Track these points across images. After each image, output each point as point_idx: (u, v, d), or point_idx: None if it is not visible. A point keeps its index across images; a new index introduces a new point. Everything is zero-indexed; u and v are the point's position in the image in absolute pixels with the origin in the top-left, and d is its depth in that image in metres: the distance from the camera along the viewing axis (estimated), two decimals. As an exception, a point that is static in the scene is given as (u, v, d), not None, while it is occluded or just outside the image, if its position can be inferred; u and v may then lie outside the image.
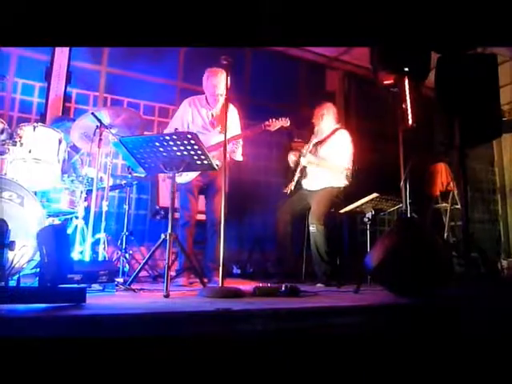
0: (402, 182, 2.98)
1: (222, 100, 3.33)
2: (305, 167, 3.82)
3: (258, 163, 5.49)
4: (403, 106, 3.04)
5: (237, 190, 3.93)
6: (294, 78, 5.92)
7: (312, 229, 3.57)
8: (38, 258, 2.36)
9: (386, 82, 3.10)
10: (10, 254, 1.83)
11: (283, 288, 2.57)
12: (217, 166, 2.72)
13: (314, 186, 3.77)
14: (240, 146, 3.37)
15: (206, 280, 2.95)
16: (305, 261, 3.96)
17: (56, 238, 1.76)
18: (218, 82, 3.29)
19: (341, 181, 3.75)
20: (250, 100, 5.39)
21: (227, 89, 2.85)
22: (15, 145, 2.70)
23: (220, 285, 2.50)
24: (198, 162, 2.66)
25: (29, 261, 2.47)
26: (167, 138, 2.52)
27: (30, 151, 2.75)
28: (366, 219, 3.61)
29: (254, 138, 3.54)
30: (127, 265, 3.43)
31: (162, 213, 4.11)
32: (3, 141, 2.73)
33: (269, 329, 1.86)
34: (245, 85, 5.47)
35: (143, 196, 4.72)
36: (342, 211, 3.71)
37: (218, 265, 2.52)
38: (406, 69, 3.03)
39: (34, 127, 2.83)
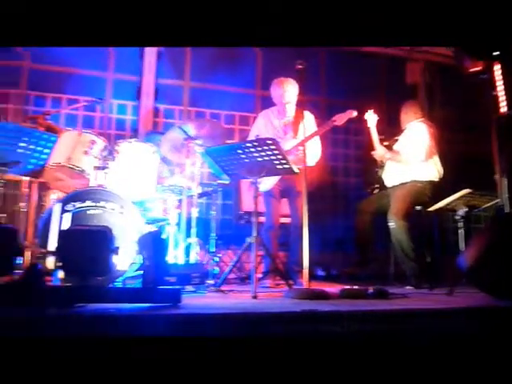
0: (497, 175, 2.78)
1: (291, 107, 3.41)
2: (383, 163, 3.78)
3: (336, 164, 5.45)
4: (494, 93, 2.83)
5: (316, 192, 3.95)
6: (372, 74, 5.77)
7: (391, 225, 3.45)
8: (138, 261, 2.59)
9: (472, 70, 2.92)
10: (115, 259, 2.04)
11: (370, 290, 2.53)
12: (298, 169, 2.77)
13: (394, 181, 3.67)
14: (315, 148, 3.40)
15: (291, 282, 3.01)
16: (393, 262, 3.84)
17: (154, 243, 1.94)
18: (284, 91, 3.36)
19: (426, 174, 3.58)
20: (327, 101, 5.37)
21: (301, 94, 2.91)
22: (114, 160, 2.99)
23: (305, 286, 2.53)
24: (279, 167, 2.74)
25: (130, 264, 2.71)
26: (248, 145, 2.63)
27: (127, 165, 3.03)
28: (457, 217, 3.40)
29: (330, 138, 3.54)
30: (216, 267, 3.61)
31: (246, 217, 4.24)
32: (105, 157, 3.04)
33: (356, 331, 1.85)
34: (321, 87, 5.46)
35: (228, 202, 4.93)
36: (430, 209, 3.53)
37: (303, 267, 2.57)
38: (497, 53, 2.83)
39: (130, 143, 3.12)
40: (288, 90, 3.34)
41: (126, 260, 2.58)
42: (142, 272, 2.49)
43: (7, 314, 1.59)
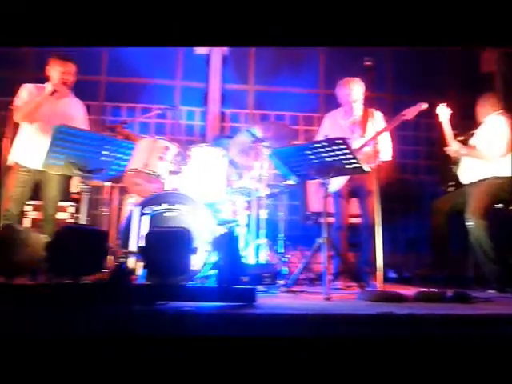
0: None
1: (358, 106, 3.36)
2: (458, 159, 3.58)
3: (405, 161, 5.24)
4: None
5: (386, 190, 3.83)
6: (444, 66, 5.48)
7: (470, 224, 3.27)
8: (210, 261, 2.68)
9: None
10: (193, 259, 2.13)
11: (449, 293, 2.41)
12: (369, 168, 2.71)
13: (471, 178, 3.47)
14: (386, 144, 3.31)
15: (363, 284, 2.95)
16: (472, 264, 3.62)
17: (228, 243, 2.00)
18: (350, 89, 3.33)
19: (507, 170, 3.34)
20: (394, 97, 5.19)
21: (369, 91, 2.85)
22: (187, 164, 3.12)
23: (379, 288, 2.47)
24: (348, 166, 2.70)
25: (204, 264, 2.81)
26: (317, 145, 2.62)
27: (198, 169, 3.15)
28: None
29: (399, 135, 3.43)
30: (285, 268, 3.63)
31: (313, 218, 4.22)
32: (178, 161, 3.19)
33: (435, 335, 1.78)
34: (387, 83, 5.29)
35: (294, 202, 4.93)
36: (512, 207, 3.30)
37: (374, 268, 2.51)
38: None
39: (201, 147, 3.24)
40: (354, 89, 3.32)
41: (199, 260, 2.69)
42: (215, 271, 2.58)
43: (97, 311, 1.72)
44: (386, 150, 3.32)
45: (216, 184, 3.20)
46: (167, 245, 1.89)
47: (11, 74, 4.42)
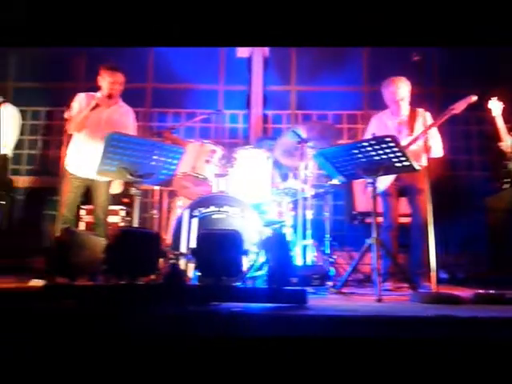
0: None
1: (404, 105, 3.31)
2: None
3: (456, 157, 5.03)
4: None
5: (436, 188, 3.69)
6: (493, 57, 5.21)
7: None
8: (259, 262, 2.69)
9: None
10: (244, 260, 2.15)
11: (508, 295, 2.29)
12: (419, 166, 2.64)
13: None
14: (437, 140, 3.21)
15: (414, 285, 2.86)
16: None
17: (279, 244, 2.01)
18: (396, 88, 3.28)
19: None
20: (442, 91, 5.00)
21: (419, 86, 2.77)
22: (233, 167, 3.16)
23: (433, 290, 2.39)
24: (398, 165, 2.63)
25: (251, 265, 2.84)
26: (365, 144, 2.58)
27: (245, 171, 3.18)
28: None
29: (449, 130, 3.31)
30: (332, 269, 3.59)
31: (359, 218, 4.15)
32: (224, 164, 3.23)
33: (497, 338, 1.70)
34: (434, 78, 5.10)
35: (339, 202, 4.87)
36: None
37: (425, 269, 2.42)
38: None
39: (246, 150, 3.27)
40: (400, 87, 3.27)
41: (247, 261, 2.71)
42: (262, 272, 2.59)
43: (153, 312, 1.77)
44: (436, 146, 3.21)
45: (261, 185, 3.22)
46: (219, 246, 1.92)
47: (66, 85, 4.65)
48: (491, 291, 2.45)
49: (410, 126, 3.28)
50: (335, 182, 3.70)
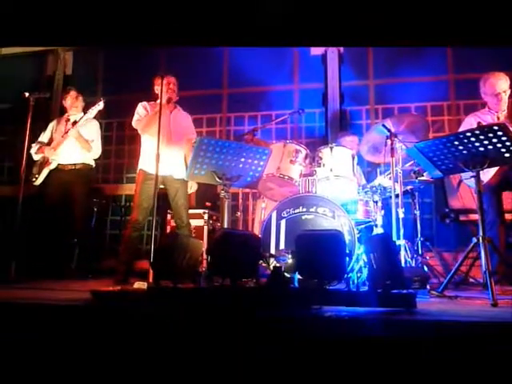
0: None
1: (505, 98, 3.18)
2: None
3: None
4: None
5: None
6: None
7: None
8: (358, 264, 2.58)
9: None
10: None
11: None
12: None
13: None
14: None
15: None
16: None
17: (384, 246, 1.89)
18: (496, 80, 3.18)
19: None
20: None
21: None
22: (319, 166, 3.08)
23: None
24: (507, 155, 2.39)
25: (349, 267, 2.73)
26: (468, 134, 2.37)
27: (331, 170, 3.08)
28: None
29: None
30: (426, 270, 3.37)
31: (453, 216, 3.87)
32: (309, 164, 3.16)
33: None
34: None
35: (426, 200, 4.59)
36: None
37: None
38: None
39: (331, 148, 3.17)
40: (500, 80, 3.17)
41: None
42: (363, 274, 2.48)
43: (258, 315, 1.74)
44: None
45: (349, 184, 3.11)
46: (321, 248, 1.85)
47: (124, 98, 4.82)
48: None
49: (511, 122, 3.05)
50: (425, 177, 3.48)
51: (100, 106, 3.82)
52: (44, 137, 4.09)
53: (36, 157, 3.98)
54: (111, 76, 5.34)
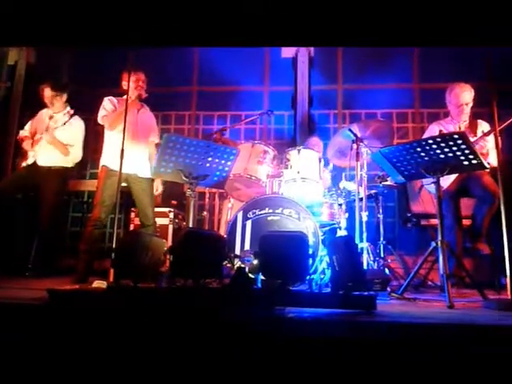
0: None
1: (467, 110, 3.29)
2: None
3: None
4: None
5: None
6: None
7: None
8: (321, 266, 2.61)
9: None
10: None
11: None
12: (488, 164, 2.48)
13: None
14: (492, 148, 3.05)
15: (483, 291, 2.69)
16: None
17: (346, 248, 1.92)
18: (460, 91, 3.29)
19: None
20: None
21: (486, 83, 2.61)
22: (286, 168, 3.10)
23: (508, 297, 2.23)
24: (465, 163, 2.49)
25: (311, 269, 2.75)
26: (430, 141, 2.45)
27: (298, 172, 3.11)
28: None
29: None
30: (388, 273, 3.44)
31: (414, 220, 3.98)
32: (277, 165, 3.17)
33: None
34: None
35: (389, 204, 4.71)
36: None
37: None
38: None
39: (298, 150, 3.19)
40: (464, 92, 3.27)
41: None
42: (326, 276, 2.51)
43: (220, 315, 1.73)
44: (492, 153, 3.06)
45: (315, 187, 3.14)
46: (285, 249, 1.85)
47: (89, 91, 4.68)
48: None
49: (473, 132, 3.18)
50: (389, 182, 3.57)
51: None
52: (28, 126, 3.88)
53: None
54: (76, 68, 5.17)
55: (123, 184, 3.18)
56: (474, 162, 2.45)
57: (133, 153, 3.22)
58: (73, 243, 4.59)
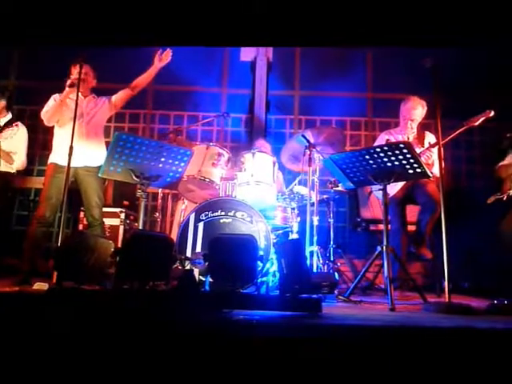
0: None
1: (414, 126, 3.41)
2: None
3: (458, 166, 5.02)
4: None
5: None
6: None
7: None
8: (270, 268, 2.63)
9: None
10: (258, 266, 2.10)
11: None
12: (432, 173, 2.61)
13: None
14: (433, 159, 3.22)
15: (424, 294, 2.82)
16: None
17: (294, 251, 1.95)
18: (413, 106, 3.38)
19: None
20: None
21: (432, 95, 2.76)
22: (241, 170, 3.10)
23: (446, 300, 2.35)
24: (410, 171, 2.60)
25: (260, 271, 2.78)
26: (378, 150, 2.54)
27: (252, 175, 3.12)
28: None
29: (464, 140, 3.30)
30: (337, 276, 3.53)
31: (364, 225, 4.12)
32: (230, 168, 3.17)
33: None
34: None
35: (340, 209, 4.84)
36: None
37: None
38: None
39: (253, 154, 3.21)
40: (417, 108, 3.37)
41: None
42: (274, 279, 2.53)
43: (166, 318, 1.70)
44: (437, 164, 3.23)
45: (269, 190, 3.17)
46: (234, 252, 1.86)
47: (37, 85, 4.52)
48: (505, 301, 2.41)
49: (421, 143, 3.34)
50: (341, 188, 3.67)
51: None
52: None
53: None
54: (26, 60, 4.94)
55: (71, 179, 3.06)
56: (419, 170, 2.56)
57: (82, 146, 3.11)
58: (18, 243, 4.37)
